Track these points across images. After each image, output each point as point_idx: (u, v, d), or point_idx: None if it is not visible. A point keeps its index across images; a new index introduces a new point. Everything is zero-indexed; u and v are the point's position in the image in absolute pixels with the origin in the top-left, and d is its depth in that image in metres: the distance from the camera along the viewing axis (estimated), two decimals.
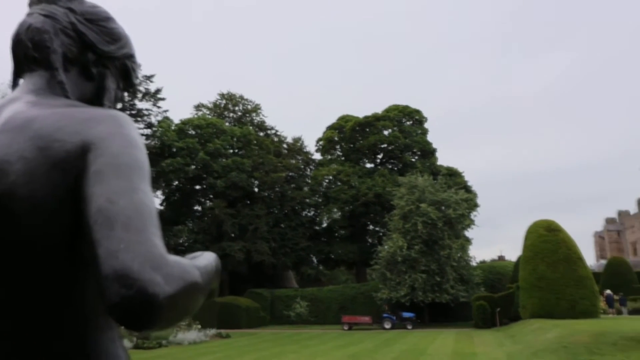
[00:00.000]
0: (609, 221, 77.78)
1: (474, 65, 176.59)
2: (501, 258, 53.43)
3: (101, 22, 1.13)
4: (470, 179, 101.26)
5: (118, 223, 0.75)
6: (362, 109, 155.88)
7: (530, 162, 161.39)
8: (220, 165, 41.88)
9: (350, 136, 46.95)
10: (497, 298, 29.22)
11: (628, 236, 71.05)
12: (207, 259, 0.94)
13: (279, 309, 38.10)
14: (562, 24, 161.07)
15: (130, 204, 0.79)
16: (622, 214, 74.44)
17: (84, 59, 1.10)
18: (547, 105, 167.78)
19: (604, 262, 44.98)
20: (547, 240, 22.39)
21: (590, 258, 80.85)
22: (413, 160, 46.04)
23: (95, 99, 1.14)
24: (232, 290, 41.68)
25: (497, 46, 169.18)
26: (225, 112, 50.55)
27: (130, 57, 1.20)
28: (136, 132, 0.95)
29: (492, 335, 21.91)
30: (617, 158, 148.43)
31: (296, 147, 50.70)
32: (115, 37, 1.15)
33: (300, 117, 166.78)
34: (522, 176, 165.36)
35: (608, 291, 29.62)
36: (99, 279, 0.72)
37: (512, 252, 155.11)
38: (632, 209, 71.65)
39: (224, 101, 50.60)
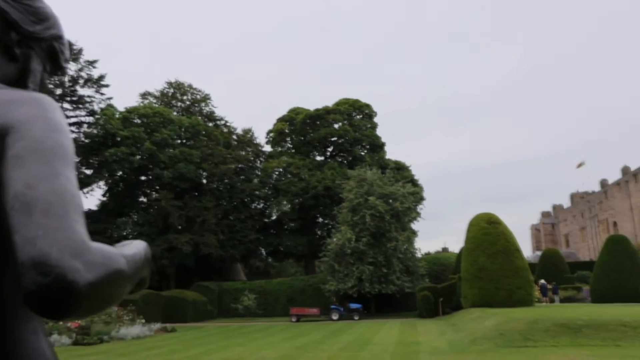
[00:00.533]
0: (545, 214, 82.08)
1: (422, 62, 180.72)
2: (445, 250, 55.32)
3: (26, 1, 1.07)
4: (417, 173, 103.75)
5: (37, 209, 0.73)
6: (313, 102, 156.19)
7: (474, 157, 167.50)
8: (167, 156, 40.83)
9: (300, 129, 46.96)
10: (440, 288, 30.22)
11: (561, 229, 75.27)
12: (135, 246, 0.92)
13: (226, 302, 37.73)
14: (506, 22, 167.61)
15: (51, 189, 0.76)
16: (557, 208, 78.72)
17: (6, 38, 1.04)
18: (492, 102, 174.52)
19: (539, 253, 47.42)
20: (487, 233, 23.31)
21: (527, 249, 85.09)
22: (362, 153, 46.67)
23: (19, 81, 1.08)
24: (178, 283, 40.88)
25: (447, 43, 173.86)
26: (173, 101, 49.25)
27: (58, 38, 1.14)
28: (61, 116, 0.92)
29: (434, 325, 22.66)
30: (554, 154, 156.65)
31: (246, 139, 50.17)
32: (42, 17, 1.10)
33: (250, 109, 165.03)
34: (466, 171, 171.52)
35: (542, 281, 31.28)
36: (17, 266, 0.70)
37: (456, 244, 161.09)
38: (566, 204, 75.94)
39: (171, 90, 49.26)
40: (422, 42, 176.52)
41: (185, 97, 49.69)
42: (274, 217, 46.86)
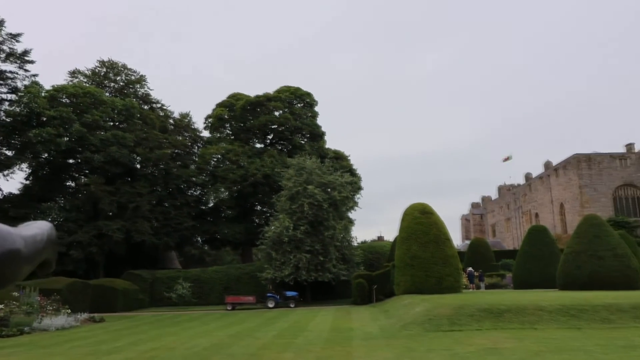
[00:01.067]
0: (474, 205, 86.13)
1: (361, 52, 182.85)
2: (380, 238, 56.76)
3: None
4: (356, 162, 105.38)
5: None
6: (254, 88, 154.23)
7: (410, 149, 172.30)
8: (99, 139, 38.90)
9: (240, 115, 46.26)
10: (375, 276, 31.01)
11: (489, 219, 79.33)
12: (38, 227, 0.87)
13: (159, 291, 36.74)
14: (449, 14, 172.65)
15: None
16: (485, 199, 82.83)
17: None
18: (430, 92, 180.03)
19: (468, 242, 49.76)
20: (420, 223, 24.14)
21: (457, 239, 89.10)
22: (302, 142, 46.71)
23: None
24: (108, 272, 39.29)
25: (385, 36, 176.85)
26: (106, 82, 46.88)
27: None
28: None
29: (368, 311, 23.26)
30: (485, 148, 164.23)
31: (183, 124, 48.79)
32: None
33: (188, 92, 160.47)
34: (403, 162, 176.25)
35: (470, 269, 32.90)
36: None
37: (391, 233, 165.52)
38: (494, 195, 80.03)
39: (104, 69, 46.85)
40: (369, 31, 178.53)
41: (118, 78, 47.47)
42: (211, 205, 46.04)
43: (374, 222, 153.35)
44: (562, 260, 23.91)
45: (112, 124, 42.13)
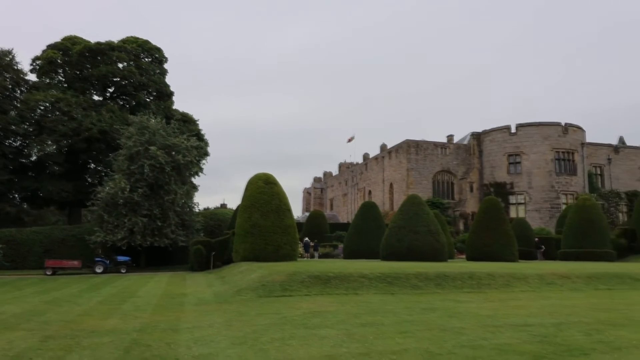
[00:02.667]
0: (317, 180, 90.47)
1: (229, 17, 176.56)
2: (223, 206, 56.51)
3: None
4: (204, 127, 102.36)
5: None
6: (96, 34, 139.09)
7: (262, 120, 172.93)
8: None
9: (77, 61, 41.49)
10: (214, 243, 30.90)
11: (329, 193, 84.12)
12: None
13: None
14: None
15: None
16: (327, 175, 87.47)
17: None
18: (287, 65, 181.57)
19: (307, 214, 52.23)
20: (263, 192, 24.59)
21: (299, 210, 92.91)
22: (148, 100, 43.79)
23: None
24: None
25: (249, 6, 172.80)
26: None
27: None
28: None
29: (204, 277, 23.17)
30: (331, 127, 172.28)
31: (4, 62, 41.99)
32: None
33: (14, 29, 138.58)
34: (253, 132, 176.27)
35: (306, 239, 34.67)
36: None
37: (235, 201, 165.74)
38: (335, 171, 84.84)
39: None
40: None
41: None
42: (34, 158, 40.85)
43: (219, 189, 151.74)
44: (386, 233, 26.53)
45: None
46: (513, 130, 52.61)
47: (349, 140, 75.30)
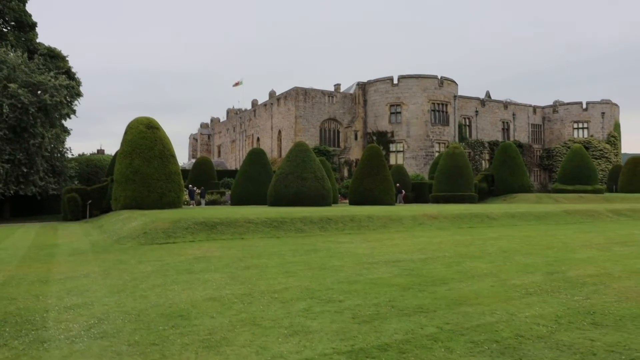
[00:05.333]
0: (203, 126, 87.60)
1: None
2: (100, 152, 52.60)
3: None
4: (76, 65, 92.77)
5: None
6: None
7: (142, 62, 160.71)
8: None
9: None
10: (91, 191, 28.94)
11: (216, 140, 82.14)
12: None
13: None
14: None
15: None
16: (214, 121, 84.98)
17: None
18: (166, 6, 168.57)
19: (194, 161, 50.71)
20: (145, 137, 23.29)
21: (185, 157, 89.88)
22: (5, 30, 38.34)
23: None
24: None
25: None
26: None
27: None
28: None
29: (80, 227, 21.78)
30: (217, 70, 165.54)
31: None
32: None
33: None
34: (133, 74, 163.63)
35: (190, 185, 33.83)
36: None
37: (113, 147, 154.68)
38: (223, 117, 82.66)
39: None
40: None
41: None
42: None
43: (95, 134, 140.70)
44: (273, 180, 26.83)
45: None
46: (395, 81, 55.02)
47: (236, 84, 73.42)
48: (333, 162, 52.10)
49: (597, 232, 17.21)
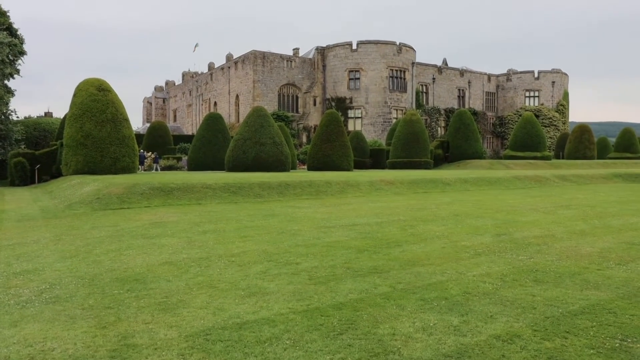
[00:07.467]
0: (158, 89, 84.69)
1: None
2: (48, 115, 50.15)
3: None
4: (18, 21, 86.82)
5: None
6: None
7: (89, 19, 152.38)
8: None
9: None
10: (39, 155, 27.75)
11: (171, 104, 79.78)
12: None
13: None
14: None
15: None
16: (169, 84, 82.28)
17: None
18: None
19: (148, 125, 49.20)
20: (96, 100, 22.35)
21: (139, 121, 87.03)
22: None
23: None
24: None
25: None
26: None
27: None
28: None
29: (28, 192, 20.96)
30: (173, 31, 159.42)
31: None
32: None
33: None
34: (79, 32, 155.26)
35: (141, 150, 32.90)
36: None
37: (62, 109, 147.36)
38: (178, 81, 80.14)
39: None
40: None
41: None
42: None
43: (42, 96, 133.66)
44: (231, 145, 26.47)
45: None
46: (354, 47, 54.65)
47: (194, 48, 71.07)
48: (292, 127, 51.79)
49: (543, 196, 18.07)
